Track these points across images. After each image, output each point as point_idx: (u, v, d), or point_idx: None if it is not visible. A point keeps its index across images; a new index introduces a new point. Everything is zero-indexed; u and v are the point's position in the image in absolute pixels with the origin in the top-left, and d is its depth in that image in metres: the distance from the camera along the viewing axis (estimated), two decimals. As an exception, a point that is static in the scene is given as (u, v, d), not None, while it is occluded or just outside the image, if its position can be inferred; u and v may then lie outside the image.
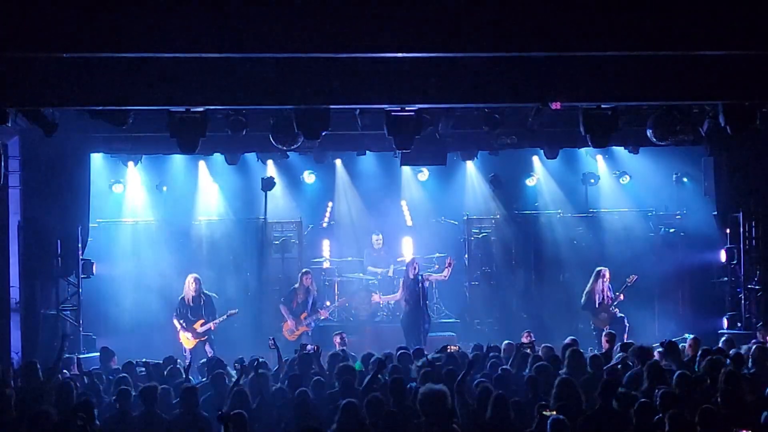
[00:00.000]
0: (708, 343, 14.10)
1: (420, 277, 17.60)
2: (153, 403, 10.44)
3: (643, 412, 9.29)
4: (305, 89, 12.45)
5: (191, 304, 17.29)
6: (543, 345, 13.84)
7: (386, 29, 10.33)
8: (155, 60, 11.63)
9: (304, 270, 18.37)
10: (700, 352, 12.57)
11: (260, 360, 12.43)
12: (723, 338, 14.76)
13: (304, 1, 10.26)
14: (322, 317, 18.34)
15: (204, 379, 12.61)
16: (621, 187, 20.42)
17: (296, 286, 18.12)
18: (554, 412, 9.08)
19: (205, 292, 17.52)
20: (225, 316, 17.32)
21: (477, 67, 12.21)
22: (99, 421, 10.20)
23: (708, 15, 10.32)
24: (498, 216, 20.79)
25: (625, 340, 16.98)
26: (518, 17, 10.33)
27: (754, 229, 17.87)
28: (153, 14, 10.12)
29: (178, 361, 13.73)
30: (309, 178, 20.47)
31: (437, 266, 19.75)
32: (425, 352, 13.47)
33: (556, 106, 13.04)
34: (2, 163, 13.68)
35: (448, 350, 12.98)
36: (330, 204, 21.00)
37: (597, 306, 17.89)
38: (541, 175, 20.61)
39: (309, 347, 13.88)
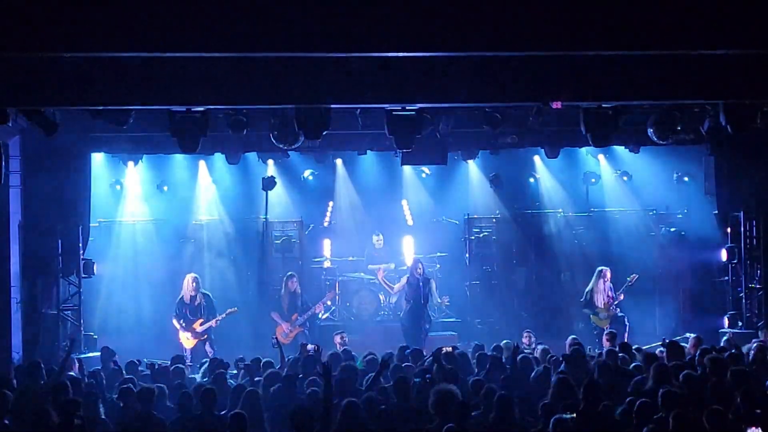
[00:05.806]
0: (709, 342, 14.11)
1: (425, 279, 17.63)
2: (150, 405, 10.42)
3: (643, 412, 9.27)
4: (306, 89, 12.43)
5: (190, 303, 17.32)
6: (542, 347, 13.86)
7: (386, 29, 10.32)
8: (156, 60, 11.60)
9: (288, 273, 18.34)
10: (700, 351, 12.56)
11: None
12: (724, 337, 14.79)
13: (304, 1, 10.26)
14: (318, 312, 18.32)
15: (205, 379, 12.61)
16: (622, 187, 20.40)
17: (282, 291, 18.15)
18: (574, 415, 9.00)
19: (203, 291, 17.55)
20: (224, 315, 17.34)
21: (477, 67, 12.19)
22: (106, 418, 10.27)
23: (708, 15, 10.31)
24: (499, 215, 20.76)
25: (625, 340, 17.03)
26: (518, 17, 10.31)
27: (754, 228, 17.88)
28: (153, 14, 10.11)
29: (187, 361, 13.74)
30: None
31: (438, 266, 19.76)
32: (424, 354, 13.42)
33: (556, 105, 13.04)
34: (3, 163, 13.67)
35: (443, 352, 12.27)
36: (331, 203, 20.96)
37: (598, 306, 17.89)
38: (542, 174, 20.60)
39: (310, 347, 13.87)
